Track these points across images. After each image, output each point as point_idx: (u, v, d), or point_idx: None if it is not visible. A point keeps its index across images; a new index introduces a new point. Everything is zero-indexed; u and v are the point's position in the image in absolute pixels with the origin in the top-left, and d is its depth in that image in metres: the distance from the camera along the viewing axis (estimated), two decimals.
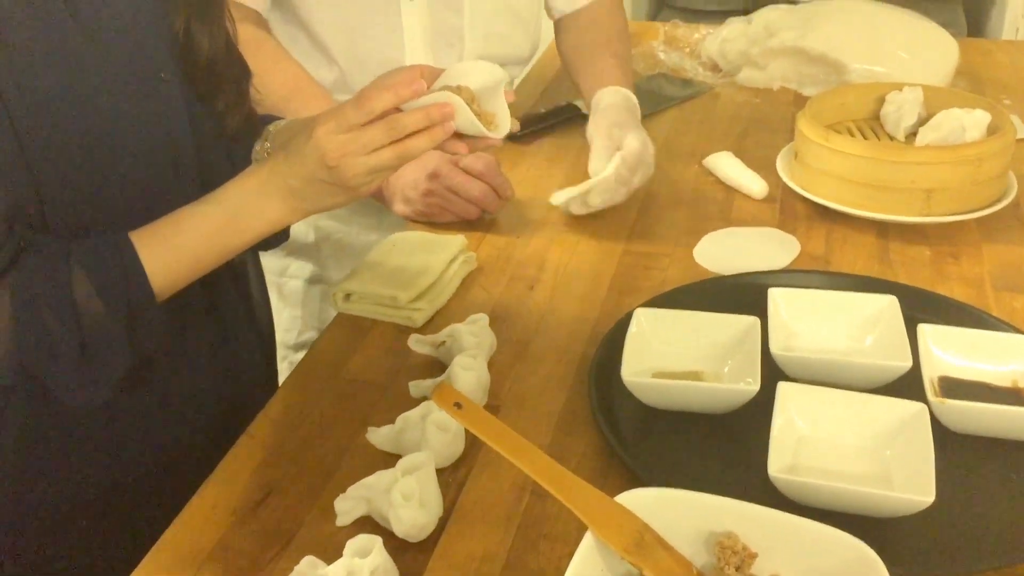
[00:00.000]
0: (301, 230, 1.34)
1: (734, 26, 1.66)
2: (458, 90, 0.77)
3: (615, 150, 1.17)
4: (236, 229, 0.78)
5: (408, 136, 0.75)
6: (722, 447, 0.83)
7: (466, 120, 0.77)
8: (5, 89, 0.68)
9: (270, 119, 0.94)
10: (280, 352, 1.34)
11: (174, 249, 0.77)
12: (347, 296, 1.03)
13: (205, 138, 0.86)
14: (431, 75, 0.79)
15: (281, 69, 1.21)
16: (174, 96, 0.82)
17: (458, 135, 0.79)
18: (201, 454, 0.87)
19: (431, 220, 1.18)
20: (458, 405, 0.67)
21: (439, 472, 0.80)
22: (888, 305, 0.92)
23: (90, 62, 0.74)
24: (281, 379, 1.03)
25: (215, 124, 0.87)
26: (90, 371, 0.74)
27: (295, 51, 1.27)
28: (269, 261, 1.36)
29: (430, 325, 1.02)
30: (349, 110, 0.75)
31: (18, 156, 0.70)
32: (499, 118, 0.82)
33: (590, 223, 1.20)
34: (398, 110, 0.76)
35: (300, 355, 1.28)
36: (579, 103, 1.51)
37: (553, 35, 1.51)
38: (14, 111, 0.69)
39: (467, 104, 0.77)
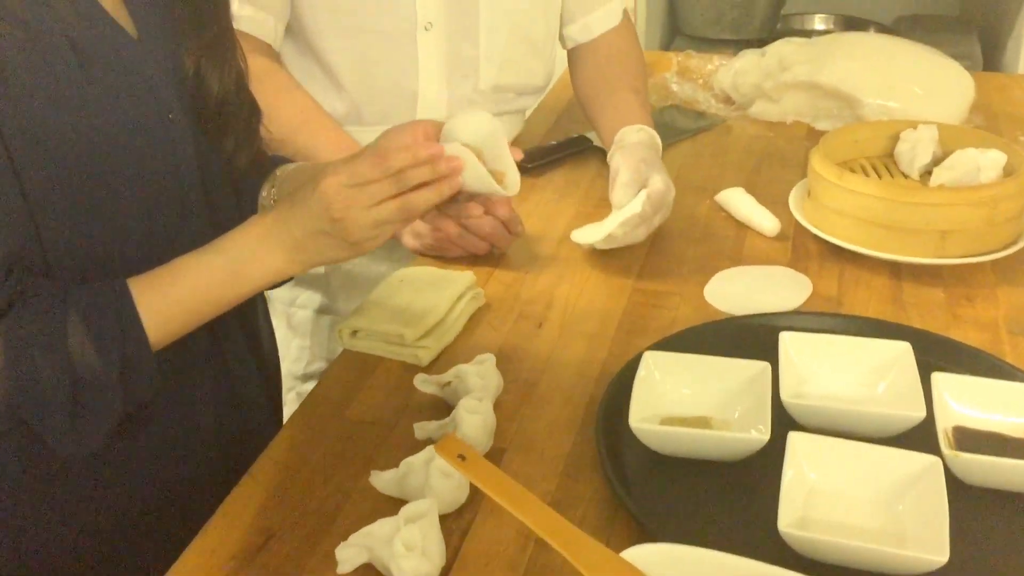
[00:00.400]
0: None
1: (747, 59, 1.66)
2: (464, 147, 0.77)
3: (640, 186, 1.16)
4: (236, 280, 0.77)
5: (413, 189, 0.74)
6: (731, 496, 0.81)
7: (477, 176, 0.77)
8: (7, 132, 0.68)
9: (279, 161, 0.93)
10: (287, 383, 1.34)
11: (172, 298, 0.76)
12: (353, 332, 1.03)
13: (213, 177, 0.85)
14: (435, 129, 0.78)
15: (291, 100, 1.21)
16: (182, 136, 0.82)
17: (467, 194, 0.79)
18: (203, 492, 0.87)
19: (440, 254, 1.18)
20: (462, 457, 0.66)
21: (443, 518, 0.79)
22: (902, 352, 0.91)
23: (94, 106, 0.74)
24: (288, 411, 1.02)
25: (223, 163, 0.86)
26: (81, 420, 0.73)
27: (308, 83, 1.27)
28: (278, 291, 1.36)
29: (437, 362, 1.01)
30: (363, 165, 0.74)
31: (19, 200, 0.69)
32: (509, 176, 0.81)
33: (600, 259, 1.19)
34: None
35: (308, 386, 1.28)
36: (591, 135, 1.51)
37: (567, 64, 1.50)
38: (16, 153, 0.68)
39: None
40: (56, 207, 0.72)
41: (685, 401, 0.89)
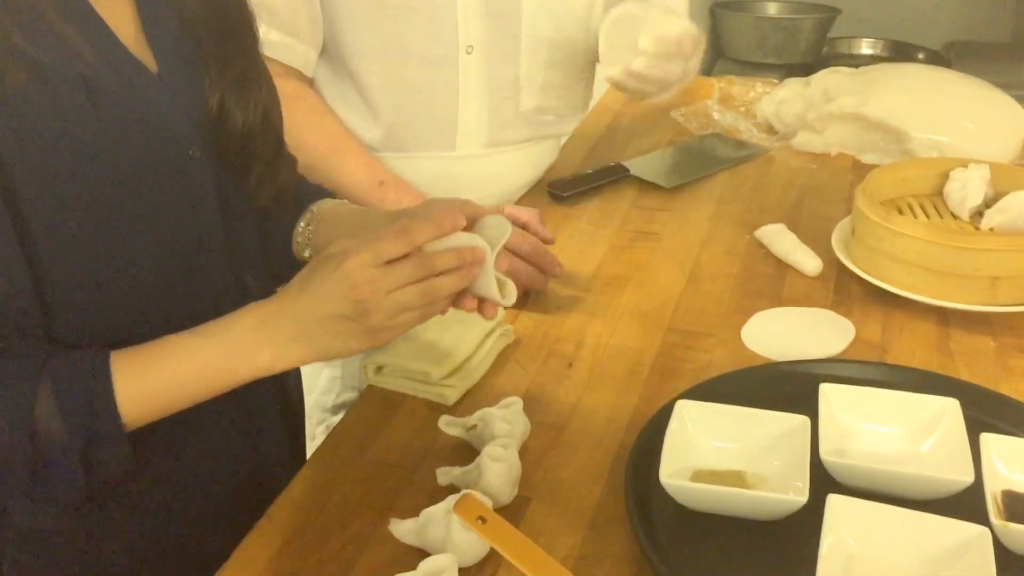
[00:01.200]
0: None
1: (791, 88, 1.62)
2: (483, 243, 0.76)
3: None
4: (223, 369, 0.73)
5: (436, 276, 0.73)
6: (765, 559, 0.78)
7: (486, 280, 0.76)
8: (14, 171, 0.66)
9: (313, 193, 0.91)
10: (317, 415, 1.32)
11: (155, 379, 0.72)
12: (379, 368, 1.00)
13: (232, 210, 0.83)
14: (473, 210, 0.77)
15: (321, 125, 1.19)
16: (202, 173, 0.80)
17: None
18: (219, 532, 0.84)
19: None
20: (482, 519, 0.63)
21: (463, 572, 0.76)
22: (949, 408, 0.86)
23: (106, 144, 0.71)
24: (314, 444, 0.99)
25: (245, 198, 0.84)
26: (39, 490, 0.70)
27: (343, 108, 1.25)
28: None
29: (464, 401, 0.98)
30: (386, 241, 0.72)
31: (15, 248, 0.67)
32: (508, 285, 0.80)
33: (633, 294, 1.15)
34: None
35: (338, 418, 1.25)
36: (628, 163, 1.48)
37: (605, 89, 1.47)
38: (22, 194, 0.66)
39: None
40: (64, 247, 0.70)
41: (719, 454, 0.86)
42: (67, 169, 0.68)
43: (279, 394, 0.97)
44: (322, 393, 1.35)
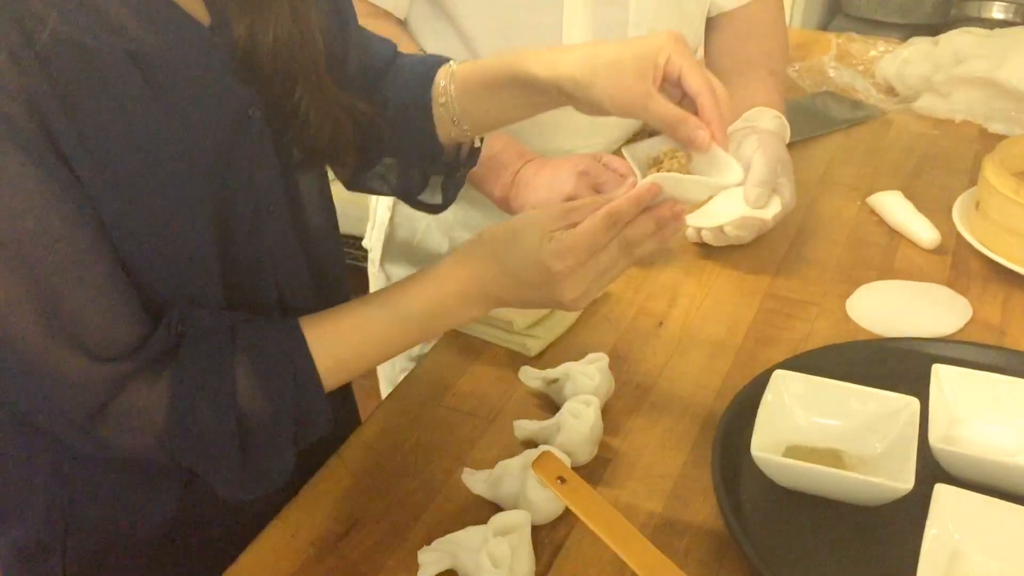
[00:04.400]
0: (435, 240, 1.28)
1: (917, 47, 1.51)
2: (672, 155, 0.71)
3: (772, 188, 1.06)
4: (424, 333, 0.75)
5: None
6: (860, 547, 0.72)
7: (695, 187, 0.70)
8: (82, 172, 0.61)
9: (435, 63, 0.85)
10: (401, 363, 1.29)
11: (350, 349, 0.72)
12: None
13: (294, 170, 0.78)
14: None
15: None
16: (261, 133, 0.73)
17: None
18: None
19: None
20: (561, 479, 0.59)
21: (536, 530, 0.73)
22: None
23: (165, 127, 0.65)
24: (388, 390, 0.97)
25: (301, 144, 0.77)
26: (251, 470, 0.69)
27: (441, 49, 1.20)
28: (398, 270, 1.31)
29: (547, 354, 0.94)
30: (597, 236, 0.69)
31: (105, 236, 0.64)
32: (724, 163, 0.72)
33: (732, 254, 1.09)
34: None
35: None
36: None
37: None
38: (92, 191, 0.62)
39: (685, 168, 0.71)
40: (122, 228, 0.65)
41: (816, 430, 0.80)
42: (130, 161, 0.63)
43: None
44: None
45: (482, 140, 0.91)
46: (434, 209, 0.94)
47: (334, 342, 0.72)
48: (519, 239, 0.71)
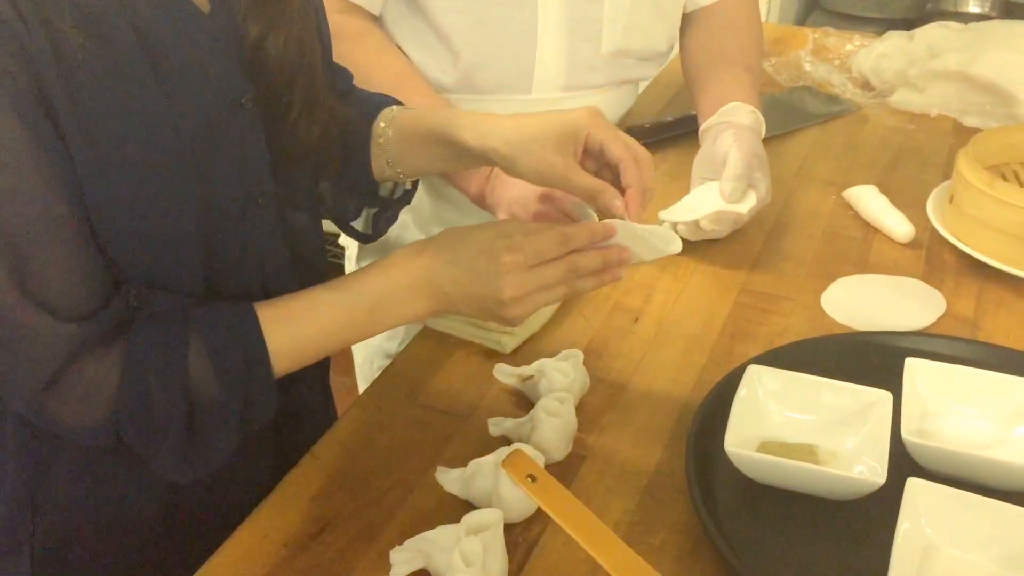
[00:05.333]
0: (412, 239, 1.27)
1: (893, 41, 1.51)
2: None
3: (748, 183, 1.06)
4: (373, 321, 0.74)
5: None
6: (833, 541, 0.72)
7: (635, 237, 0.77)
8: (68, 130, 0.62)
9: (381, 102, 0.87)
10: (379, 361, 1.29)
11: (302, 335, 0.72)
12: None
13: (284, 161, 0.79)
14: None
15: (385, 63, 1.14)
16: (253, 123, 0.74)
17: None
18: (254, 469, 0.82)
19: None
20: (531, 477, 0.59)
21: (509, 528, 0.73)
22: None
23: (167, 109, 0.66)
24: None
25: (292, 142, 0.79)
26: (194, 451, 0.69)
27: (417, 47, 1.20)
28: None
29: (522, 350, 0.94)
30: (545, 246, 0.73)
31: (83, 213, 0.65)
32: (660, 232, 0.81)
33: (707, 249, 1.09)
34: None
35: None
36: None
37: None
38: (76, 161, 0.63)
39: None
40: (110, 206, 0.66)
41: (790, 425, 0.80)
42: (123, 132, 0.64)
43: None
44: (386, 338, 1.31)
45: (416, 183, 0.95)
46: (364, 239, 0.97)
47: (285, 324, 0.72)
48: (474, 233, 0.75)
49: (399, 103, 0.92)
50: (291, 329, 0.72)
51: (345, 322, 0.74)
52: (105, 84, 0.63)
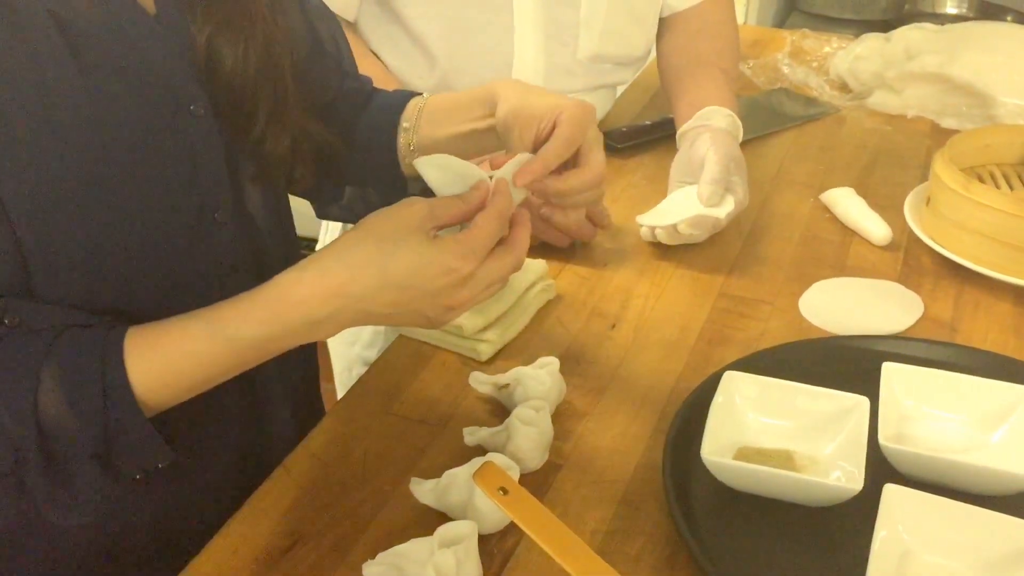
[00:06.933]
0: None
1: (869, 43, 1.51)
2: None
3: (725, 186, 1.05)
4: (266, 354, 0.67)
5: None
6: (811, 549, 0.72)
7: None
8: None
9: (400, 97, 0.87)
10: (358, 369, 1.28)
11: (177, 359, 0.64)
12: None
13: (246, 176, 0.76)
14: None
15: (361, 68, 1.13)
16: (206, 132, 0.71)
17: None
18: (207, 508, 0.79)
19: None
20: (503, 490, 0.58)
21: (484, 539, 0.72)
22: (1023, 397, 0.79)
23: (88, 102, 0.63)
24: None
25: (256, 156, 0.76)
26: (62, 490, 0.63)
27: (393, 53, 1.19)
28: None
29: (498, 358, 0.93)
30: (480, 241, 0.69)
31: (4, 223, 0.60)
32: None
33: (685, 253, 1.09)
34: None
35: None
36: None
37: None
38: None
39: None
40: (40, 218, 0.62)
41: (767, 431, 0.80)
42: (42, 128, 0.60)
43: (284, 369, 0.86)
44: (365, 347, 1.30)
45: None
46: None
47: (153, 356, 0.64)
48: (401, 248, 0.67)
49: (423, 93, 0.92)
50: (157, 362, 0.64)
51: (226, 359, 0.66)
52: (17, 67, 0.59)
